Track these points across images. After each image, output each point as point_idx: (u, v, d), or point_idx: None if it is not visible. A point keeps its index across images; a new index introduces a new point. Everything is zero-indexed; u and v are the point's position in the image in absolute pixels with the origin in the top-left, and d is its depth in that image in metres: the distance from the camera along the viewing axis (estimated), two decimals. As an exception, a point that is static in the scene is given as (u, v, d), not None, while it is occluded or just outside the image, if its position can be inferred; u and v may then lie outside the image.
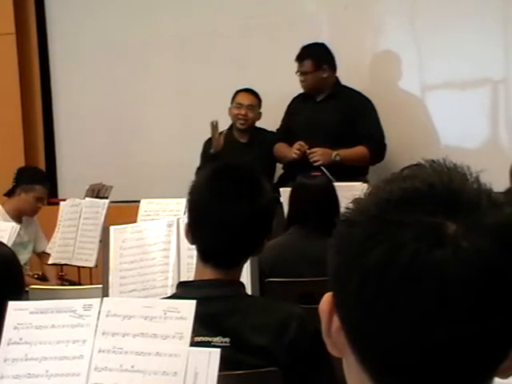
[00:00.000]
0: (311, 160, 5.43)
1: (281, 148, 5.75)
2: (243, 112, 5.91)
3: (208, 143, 5.94)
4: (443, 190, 0.92)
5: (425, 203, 0.91)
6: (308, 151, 5.46)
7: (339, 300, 0.95)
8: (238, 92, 5.95)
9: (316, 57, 5.64)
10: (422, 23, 5.97)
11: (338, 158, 5.44)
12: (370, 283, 0.90)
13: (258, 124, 6.01)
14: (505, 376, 0.93)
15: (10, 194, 5.58)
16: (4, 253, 2.28)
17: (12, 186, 5.59)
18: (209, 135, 5.86)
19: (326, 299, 0.97)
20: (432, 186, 0.92)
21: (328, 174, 5.25)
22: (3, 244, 2.39)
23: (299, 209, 3.84)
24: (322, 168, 5.33)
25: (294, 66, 5.67)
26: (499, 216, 0.91)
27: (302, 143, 5.49)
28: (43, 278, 5.44)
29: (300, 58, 5.66)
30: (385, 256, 0.89)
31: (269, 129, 5.97)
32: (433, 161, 0.97)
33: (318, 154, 5.44)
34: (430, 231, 0.89)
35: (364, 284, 0.90)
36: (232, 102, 5.96)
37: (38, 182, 5.54)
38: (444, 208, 0.90)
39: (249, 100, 5.92)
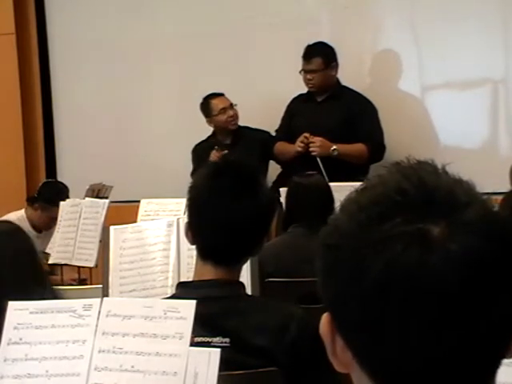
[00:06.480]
0: (310, 149, 5.43)
1: (283, 145, 5.72)
2: (231, 113, 5.89)
3: (197, 149, 5.95)
4: (417, 194, 0.90)
5: (403, 212, 0.89)
6: (310, 139, 5.44)
7: (340, 323, 0.94)
8: (209, 101, 5.89)
9: (325, 54, 5.62)
10: (422, 23, 5.96)
11: (335, 153, 5.42)
12: (370, 305, 0.89)
13: (244, 123, 5.99)
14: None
15: (31, 201, 5.63)
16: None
17: (35, 195, 5.65)
18: (200, 139, 5.93)
19: (325, 320, 0.96)
20: (405, 192, 0.91)
21: (322, 168, 5.25)
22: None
23: (297, 208, 3.83)
24: (318, 160, 5.33)
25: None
26: (478, 209, 0.90)
27: (306, 135, 5.46)
28: None
29: (308, 56, 5.61)
30: (380, 276, 0.88)
31: (268, 129, 5.96)
32: (397, 163, 0.96)
33: (317, 146, 5.43)
34: (416, 240, 0.87)
35: (365, 307, 0.89)
36: (209, 114, 5.90)
37: (57, 204, 5.51)
38: (423, 212, 0.89)
39: (226, 101, 5.89)
